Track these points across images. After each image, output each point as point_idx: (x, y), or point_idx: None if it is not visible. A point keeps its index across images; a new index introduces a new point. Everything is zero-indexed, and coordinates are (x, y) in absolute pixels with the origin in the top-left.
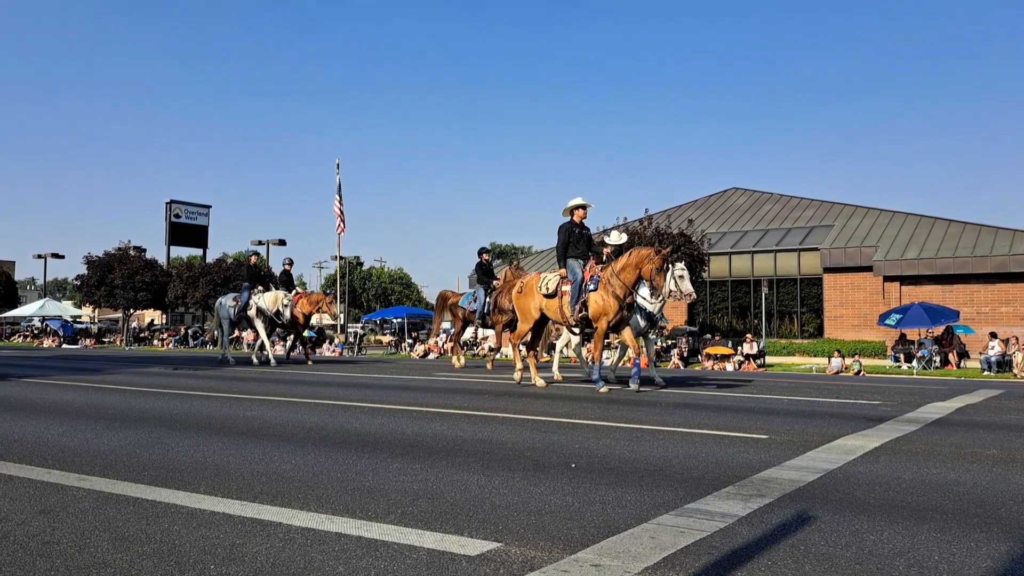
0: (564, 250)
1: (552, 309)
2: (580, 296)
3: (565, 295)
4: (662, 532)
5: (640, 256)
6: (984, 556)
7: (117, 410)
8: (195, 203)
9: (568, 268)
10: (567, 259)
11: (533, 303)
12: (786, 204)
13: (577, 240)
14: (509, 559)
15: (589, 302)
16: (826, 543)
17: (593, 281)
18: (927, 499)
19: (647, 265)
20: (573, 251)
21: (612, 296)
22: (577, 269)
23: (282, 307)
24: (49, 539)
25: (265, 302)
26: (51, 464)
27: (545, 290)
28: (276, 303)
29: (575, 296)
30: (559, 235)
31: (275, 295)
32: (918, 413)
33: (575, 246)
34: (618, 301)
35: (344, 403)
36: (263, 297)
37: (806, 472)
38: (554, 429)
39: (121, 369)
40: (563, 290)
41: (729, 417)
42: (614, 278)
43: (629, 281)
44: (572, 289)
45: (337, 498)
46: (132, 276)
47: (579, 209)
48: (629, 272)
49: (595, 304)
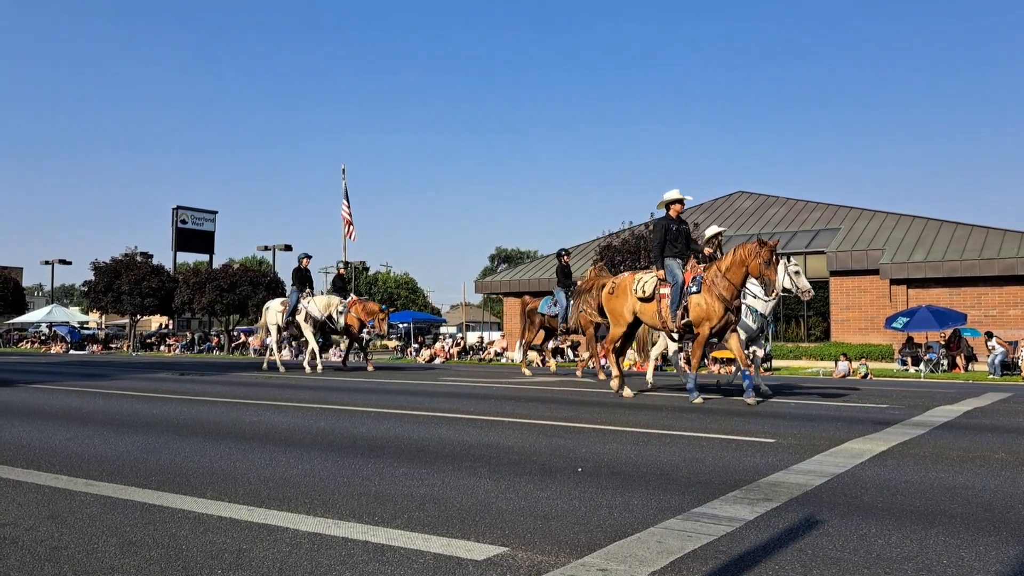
0: (661, 249)
1: (649, 313)
2: (681, 300)
3: (664, 298)
4: (669, 536)
5: (746, 252)
6: (993, 560)
7: (124, 416)
8: (201, 209)
9: (666, 269)
10: (664, 259)
11: (626, 306)
12: (792, 207)
13: (675, 237)
14: (516, 564)
15: (691, 306)
16: (833, 547)
17: (695, 283)
18: (935, 503)
19: (754, 260)
20: (670, 249)
21: (717, 299)
22: (676, 270)
23: (336, 313)
24: (57, 544)
25: (316, 306)
26: (59, 469)
27: (641, 293)
28: (329, 308)
29: (675, 300)
30: (655, 232)
31: (327, 300)
32: (925, 416)
33: (672, 244)
34: (724, 304)
35: (350, 408)
36: (313, 301)
37: (813, 476)
38: (560, 433)
39: (128, 375)
40: (661, 293)
41: (736, 421)
42: (720, 279)
43: (737, 281)
44: (672, 292)
45: (344, 503)
46: (139, 282)
47: (676, 203)
48: (735, 271)
49: (697, 308)
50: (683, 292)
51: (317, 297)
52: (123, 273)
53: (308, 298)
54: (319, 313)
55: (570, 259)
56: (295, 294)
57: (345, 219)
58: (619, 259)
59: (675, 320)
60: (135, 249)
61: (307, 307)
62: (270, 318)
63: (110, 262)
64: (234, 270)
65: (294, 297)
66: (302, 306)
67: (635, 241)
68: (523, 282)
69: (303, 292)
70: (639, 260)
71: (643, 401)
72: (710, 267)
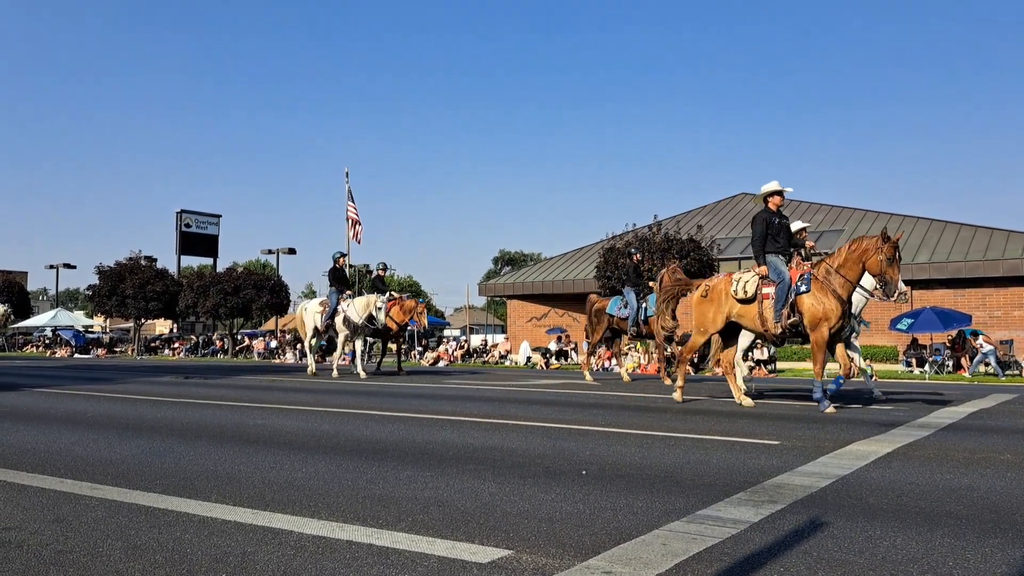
0: (762, 244)
1: (750, 316)
2: (787, 299)
3: (766, 299)
4: (673, 539)
5: (864, 247)
6: (999, 562)
7: (129, 419)
8: (205, 213)
9: (769, 266)
10: (766, 255)
11: (720, 311)
12: (795, 209)
13: (777, 232)
14: (520, 566)
15: (802, 306)
16: (839, 549)
17: (803, 281)
18: (940, 504)
19: (874, 256)
20: (772, 245)
21: (833, 297)
22: (781, 267)
23: (375, 310)
24: (62, 548)
25: (356, 308)
26: (64, 473)
27: (742, 294)
28: (368, 307)
29: (781, 299)
30: (755, 226)
31: (367, 299)
32: (930, 418)
33: (774, 239)
34: (840, 303)
35: (354, 411)
36: (353, 304)
37: (818, 478)
38: (564, 436)
39: (132, 378)
40: (763, 293)
41: (740, 423)
42: (834, 275)
43: (853, 278)
44: (777, 291)
45: (348, 506)
46: (143, 286)
47: (775, 195)
48: (851, 267)
49: (812, 308)
50: (789, 291)
51: (356, 299)
52: (127, 277)
53: (348, 300)
54: (358, 316)
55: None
56: (334, 295)
57: (352, 218)
58: (622, 261)
59: (779, 321)
60: (139, 253)
61: (347, 311)
62: (307, 320)
63: (114, 266)
64: (238, 273)
65: (334, 298)
66: (341, 308)
67: (639, 243)
68: (527, 284)
69: (342, 293)
70: (642, 263)
71: (647, 404)
72: (819, 264)
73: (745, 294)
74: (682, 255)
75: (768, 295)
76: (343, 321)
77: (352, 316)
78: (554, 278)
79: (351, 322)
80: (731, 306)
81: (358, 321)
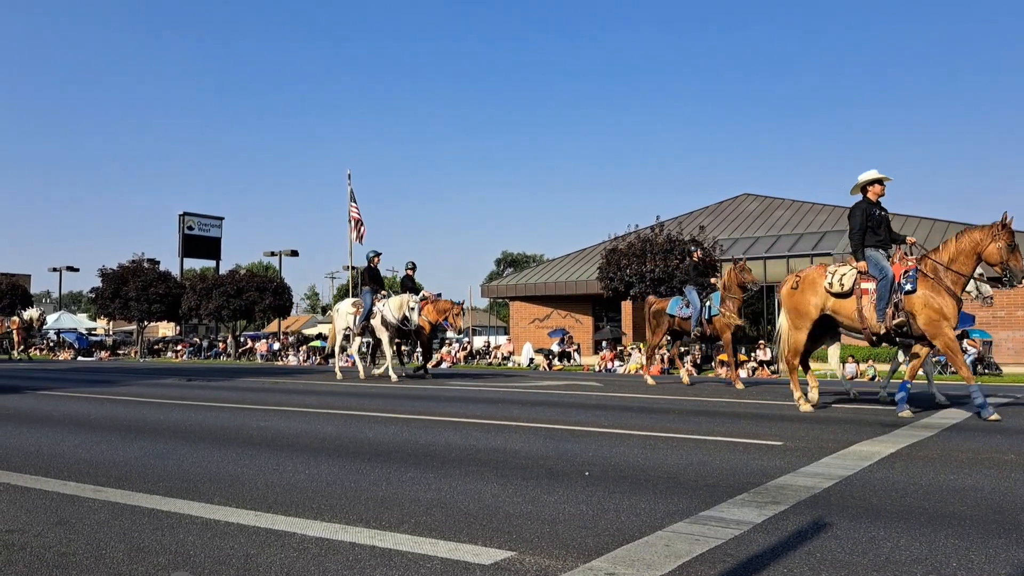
0: (862, 236)
1: (846, 312)
2: (891, 297)
3: (865, 295)
4: (677, 540)
5: (976, 238)
6: (1003, 563)
7: (132, 421)
8: (208, 215)
9: (869, 260)
10: (865, 248)
11: (816, 303)
12: (798, 209)
13: (877, 224)
14: (523, 568)
15: (914, 307)
16: (842, 550)
17: (908, 279)
18: (944, 505)
19: (991, 245)
20: (872, 238)
21: (948, 295)
22: (883, 262)
23: (408, 310)
24: (65, 550)
25: (390, 308)
26: (67, 476)
27: (839, 287)
28: (402, 307)
29: (884, 297)
30: (853, 217)
31: (401, 299)
32: (934, 418)
33: (874, 232)
34: (956, 301)
35: (357, 413)
36: (388, 304)
37: (821, 479)
38: (567, 437)
39: (135, 381)
40: (863, 288)
41: (743, 424)
42: (943, 271)
43: (967, 271)
44: (879, 288)
45: (351, 508)
46: (146, 288)
47: (875, 184)
48: (965, 260)
49: (928, 308)
50: (893, 289)
51: (391, 299)
52: (130, 279)
53: (383, 300)
54: (394, 317)
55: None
56: (368, 295)
57: (354, 218)
58: (624, 263)
59: (882, 321)
60: (142, 255)
61: (382, 311)
62: (339, 322)
63: (117, 269)
64: (240, 276)
65: (368, 299)
66: (377, 309)
67: (640, 244)
68: (529, 286)
69: (377, 294)
70: (644, 264)
71: (648, 404)
72: (924, 259)
73: (841, 287)
74: (684, 256)
75: (867, 290)
76: (381, 322)
77: (388, 316)
78: (556, 279)
79: (389, 323)
80: (825, 299)
81: (394, 321)
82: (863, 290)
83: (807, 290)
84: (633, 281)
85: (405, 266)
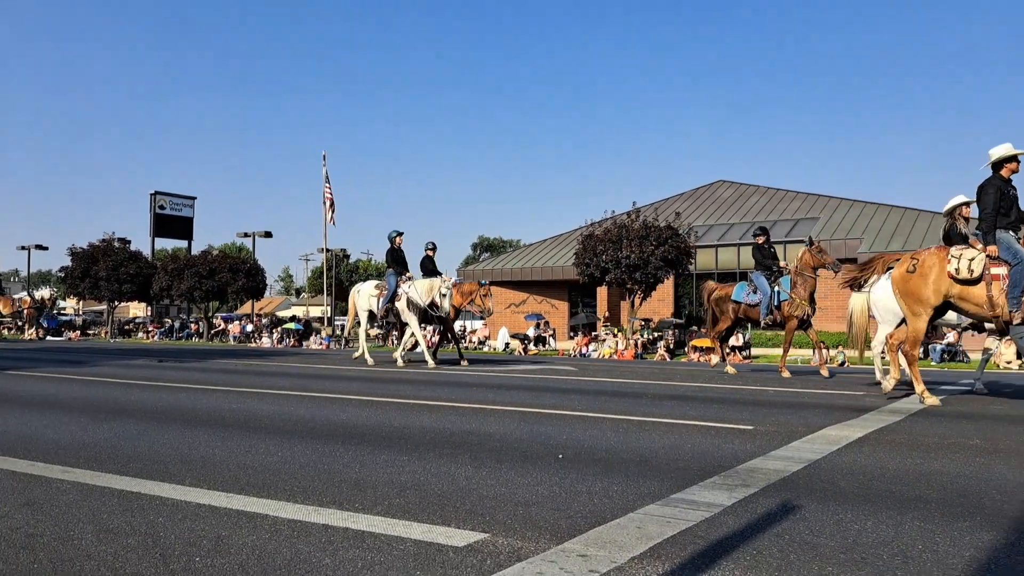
0: (995, 218)
1: (975, 299)
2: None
3: (996, 280)
4: (648, 522)
5: None
6: (967, 545)
7: (102, 402)
8: (180, 195)
9: (1001, 244)
10: (996, 231)
11: (937, 288)
12: (772, 196)
13: (1009, 205)
14: (496, 550)
15: None
16: (810, 532)
17: None
18: (911, 489)
19: None
20: (1002, 220)
21: None
22: (1016, 246)
23: (439, 296)
24: (33, 532)
25: (417, 291)
26: (35, 456)
27: (967, 273)
28: (432, 292)
29: (1019, 284)
30: (984, 195)
31: (430, 283)
32: (902, 404)
33: (1005, 214)
34: None
35: (331, 395)
36: (415, 286)
37: (791, 462)
38: (542, 421)
39: (106, 361)
40: (993, 273)
41: (715, 408)
42: None
43: None
44: (1013, 274)
45: (324, 490)
46: (117, 268)
47: (1011, 162)
48: None
49: None
50: None
51: (418, 281)
52: (100, 259)
53: (408, 282)
54: (421, 299)
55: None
56: (393, 277)
57: (328, 198)
58: (600, 248)
59: (1016, 309)
60: (112, 235)
61: (408, 292)
62: (361, 303)
63: (87, 248)
64: (213, 257)
65: (392, 280)
66: (402, 291)
67: (617, 230)
68: (505, 271)
69: (402, 275)
70: (620, 250)
71: (624, 389)
72: None
73: (971, 274)
74: (660, 242)
75: (998, 276)
76: (407, 304)
77: (415, 298)
78: (533, 265)
79: (416, 305)
80: (948, 285)
81: (421, 304)
82: (994, 276)
83: (927, 275)
84: (609, 267)
85: (425, 246)
